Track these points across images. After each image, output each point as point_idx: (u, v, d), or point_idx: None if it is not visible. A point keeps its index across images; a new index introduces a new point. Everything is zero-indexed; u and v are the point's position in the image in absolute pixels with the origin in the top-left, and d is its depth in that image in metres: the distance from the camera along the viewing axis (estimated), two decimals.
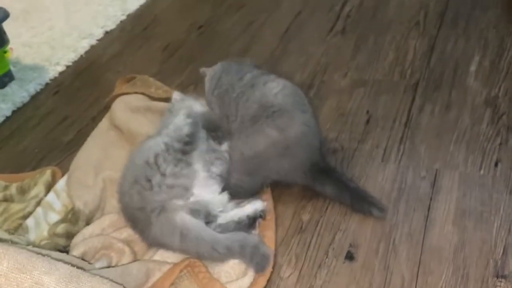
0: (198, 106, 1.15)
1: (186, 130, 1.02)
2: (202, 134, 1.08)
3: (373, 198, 1.05)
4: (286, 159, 1.05)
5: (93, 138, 1.32)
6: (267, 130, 1.04)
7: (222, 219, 1.00)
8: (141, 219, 0.99)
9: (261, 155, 1.05)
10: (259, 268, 0.96)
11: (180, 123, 1.04)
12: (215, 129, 1.10)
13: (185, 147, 1.01)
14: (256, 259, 0.95)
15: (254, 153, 1.05)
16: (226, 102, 1.12)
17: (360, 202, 1.05)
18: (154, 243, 1.00)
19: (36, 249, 0.83)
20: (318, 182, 1.07)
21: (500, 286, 0.90)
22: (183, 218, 0.97)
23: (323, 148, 1.11)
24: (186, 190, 0.99)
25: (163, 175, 0.98)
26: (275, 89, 1.07)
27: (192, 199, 0.99)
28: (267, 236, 1.01)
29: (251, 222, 1.01)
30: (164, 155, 0.99)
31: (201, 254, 0.96)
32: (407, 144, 1.20)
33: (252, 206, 1.02)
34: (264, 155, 1.05)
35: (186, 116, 1.06)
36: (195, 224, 0.97)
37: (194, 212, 0.98)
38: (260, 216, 1.02)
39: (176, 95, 1.23)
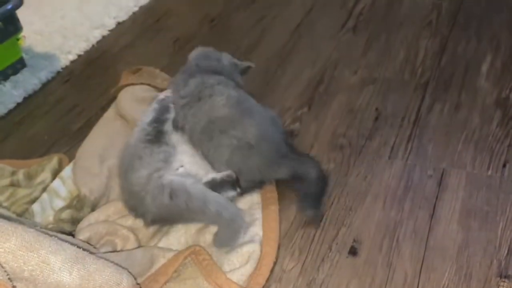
0: (168, 92, 1.20)
1: (150, 116, 1.13)
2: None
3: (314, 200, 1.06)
4: (253, 159, 1.07)
5: (99, 127, 1.33)
6: (227, 141, 1.08)
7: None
8: (137, 199, 1.04)
9: (230, 163, 1.08)
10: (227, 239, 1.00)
11: (148, 109, 1.15)
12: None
13: (155, 130, 1.10)
14: (230, 229, 1.00)
15: (225, 162, 1.08)
16: (176, 106, 1.16)
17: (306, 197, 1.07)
18: (155, 218, 1.04)
19: (43, 229, 0.83)
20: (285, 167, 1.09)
21: (503, 286, 0.90)
22: (170, 178, 1.04)
23: (286, 137, 1.15)
24: (166, 162, 1.07)
25: (141, 157, 1.06)
26: (221, 101, 1.12)
27: (181, 170, 1.07)
28: (271, 227, 1.02)
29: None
30: (141, 138, 1.09)
31: (192, 210, 1.00)
32: (415, 143, 1.20)
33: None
34: (232, 162, 1.08)
35: (155, 103, 1.16)
36: (184, 181, 1.03)
37: (183, 176, 1.06)
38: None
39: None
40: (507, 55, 1.42)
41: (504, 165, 1.11)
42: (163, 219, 1.05)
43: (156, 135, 1.10)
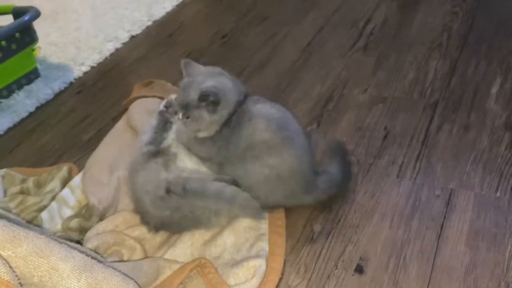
0: (172, 97, 1.20)
1: (148, 134, 1.13)
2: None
3: None
4: (280, 190, 1.06)
5: (109, 137, 1.35)
6: (258, 168, 1.05)
7: None
8: (138, 202, 1.07)
9: (256, 187, 1.06)
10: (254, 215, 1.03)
11: (148, 123, 1.16)
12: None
13: (151, 151, 1.10)
14: (247, 209, 1.03)
15: (250, 185, 1.06)
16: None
17: None
18: (156, 221, 1.06)
19: (53, 236, 0.84)
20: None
21: None
22: (166, 175, 1.06)
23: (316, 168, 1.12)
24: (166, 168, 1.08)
25: (141, 166, 1.09)
26: (261, 124, 1.05)
27: (185, 174, 1.07)
28: (277, 243, 1.02)
29: None
30: (140, 153, 1.11)
31: (190, 196, 1.03)
32: (423, 162, 1.20)
33: None
34: (259, 188, 1.06)
35: (155, 116, 1.16)
36: (180, 173, 1.05)
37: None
38: None
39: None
40: None
41: None
42: (165, 223, 1.05)
43: (154, 153, 1.10)
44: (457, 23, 1.69)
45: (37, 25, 1.65)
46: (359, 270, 0.99)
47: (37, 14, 1.61)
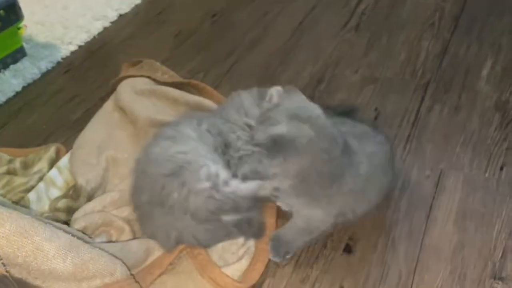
0: None
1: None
2: None
3: None
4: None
5: (97, 118, 1.33)
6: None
7: None
8: None
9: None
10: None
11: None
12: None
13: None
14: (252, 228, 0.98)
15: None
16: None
17: None
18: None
19: (39, 217, 0.83)
20: None
21: (496, 287, 0.90)
22: None
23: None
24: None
25: None
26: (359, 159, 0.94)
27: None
28: (268, 223, 1.02)
29: None
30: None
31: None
32: (414, 143, 1.20)
33: None
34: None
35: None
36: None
37: None
38: None
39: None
40: (508, 59, 1.42)
41: (501, 168, 1.11)
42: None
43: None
44: (449, 4, 1.67)
45: (23, 2, 1.62)
46: (348, 250, 0.99)
47: None
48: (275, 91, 0.98)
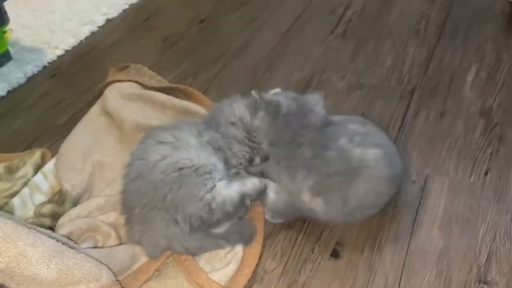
0: None
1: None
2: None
3: None
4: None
5: (84, 122, 1.32)
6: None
7: None
8: None
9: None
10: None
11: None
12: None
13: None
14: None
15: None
16: None
17: None
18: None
19: (23, 222, 0.82)
20: None
21: None
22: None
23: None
24: None
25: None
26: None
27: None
28: (258, 227, 1.01)
29: None
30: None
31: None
32: (400, 148, 1.20)
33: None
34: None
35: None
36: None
37: None
38: None
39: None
40: (492, 66, 1.44)
41: (486, 173, 1.12)
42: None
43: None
44: (435, 11, 1.70)
45: (8, 6, 1.60)
46: (335, 254, 0.99)
47: None
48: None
